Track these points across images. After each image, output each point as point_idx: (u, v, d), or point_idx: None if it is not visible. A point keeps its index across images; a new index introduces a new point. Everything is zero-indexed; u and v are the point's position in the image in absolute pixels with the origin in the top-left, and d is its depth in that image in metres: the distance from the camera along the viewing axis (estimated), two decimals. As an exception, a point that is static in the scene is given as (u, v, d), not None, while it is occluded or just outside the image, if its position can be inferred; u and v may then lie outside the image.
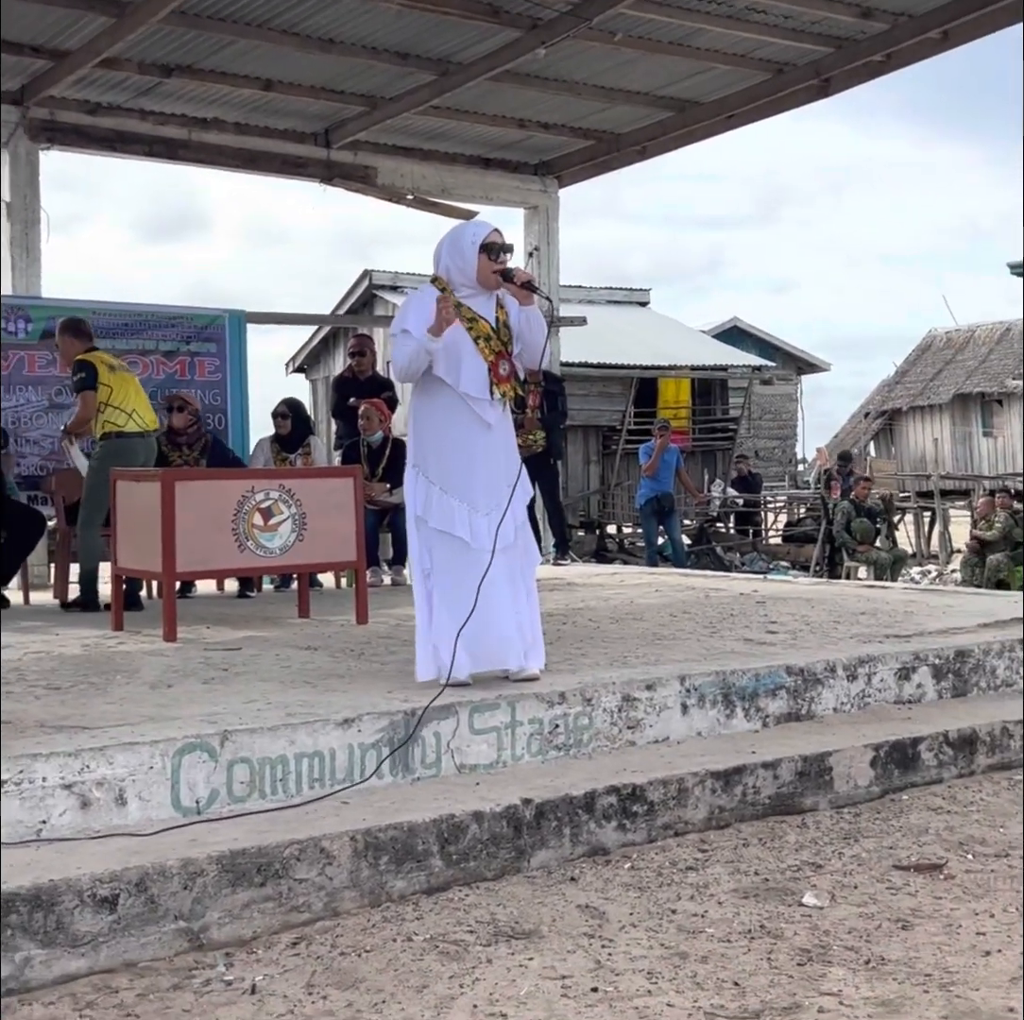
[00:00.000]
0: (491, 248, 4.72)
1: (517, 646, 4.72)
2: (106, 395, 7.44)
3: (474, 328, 4.74)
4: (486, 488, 4.73)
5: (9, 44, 9.13)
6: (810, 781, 4.48)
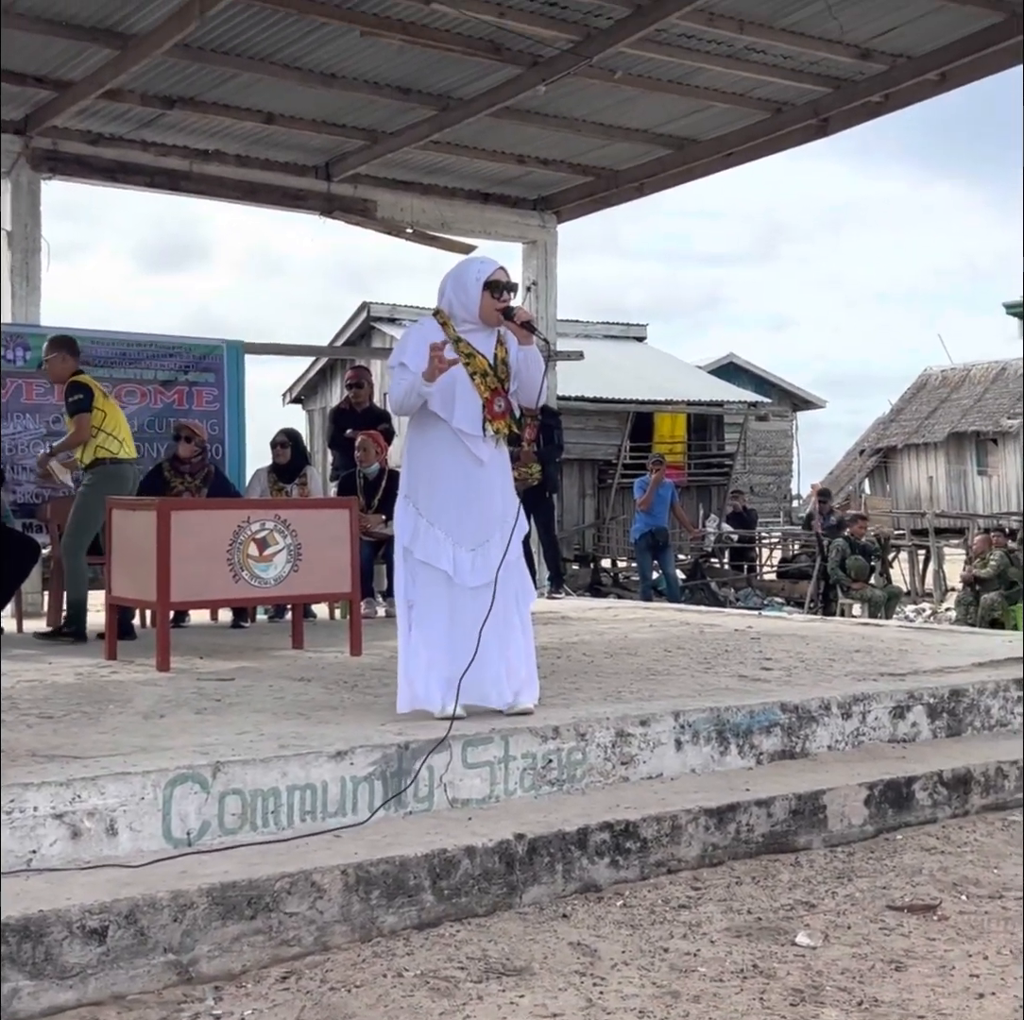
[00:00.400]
0: (495, 286, 4.74)
1: (504, 683, 4.72)
2: (100, 420, 7.39)
3: (471, 364, 4.75)
4: (475, 524, 4.73)
5: (13, 74, 9.19)
6: (804, 819, 4.47)
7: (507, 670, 4.74)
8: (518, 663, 4.78)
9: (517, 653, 4.80)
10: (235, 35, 8.75)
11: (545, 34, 8.78)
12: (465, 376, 4.73)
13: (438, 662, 4.66)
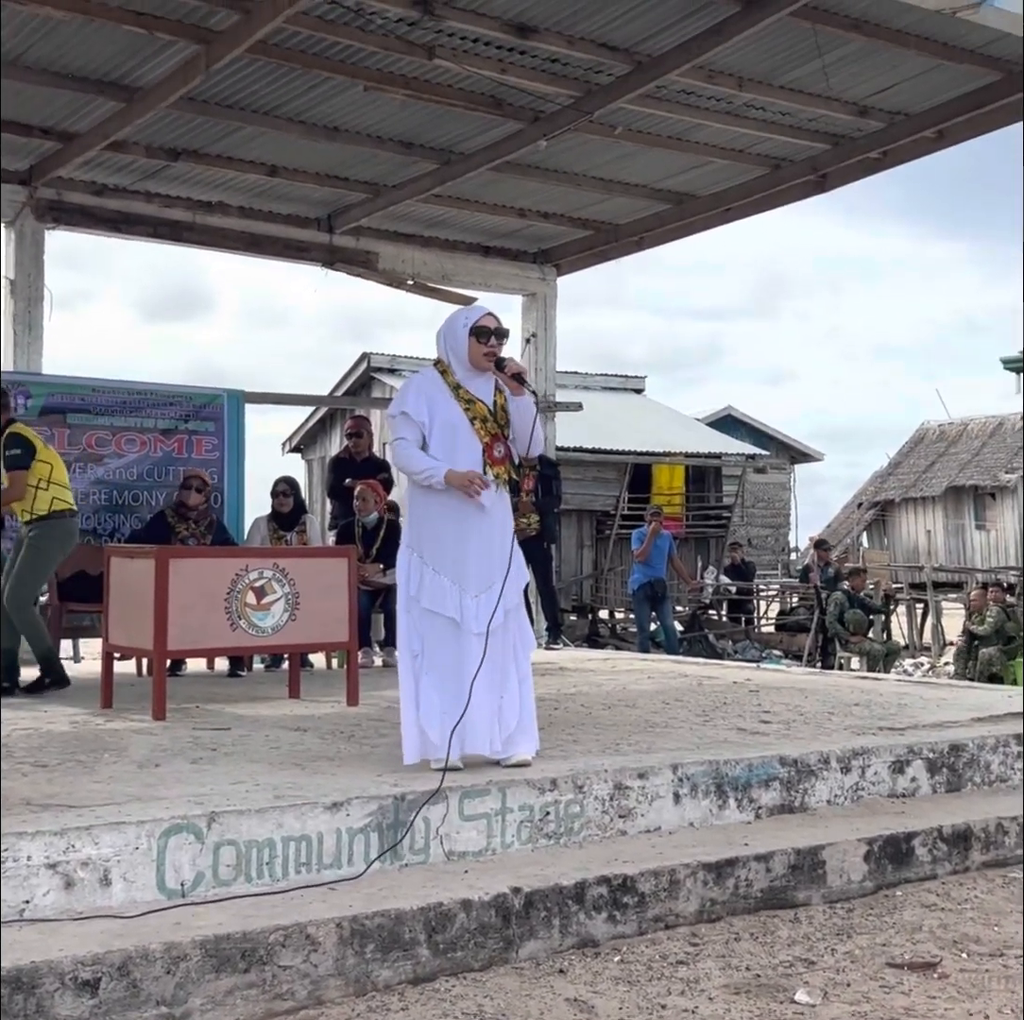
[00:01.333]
0: (481, 332, 4.80)
1: (495, 731, 4.70)
2: (47, 472, 7.23)
3: (471, 409, 4.80)
4: (478, 570, 4.75)
5: (18, 125, 9.28)
6: (803, 875, 4.43)
7: (499, 719, 4.73)
8: (511, 713, 4.77)
9: (511, 702, 4.79)
10: (240, 89, 8.85)
11: (546, 90, 8.88)
12: (466, 421, 4.78)
13: (451, 709, 4.65)
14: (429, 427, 4.79)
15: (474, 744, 4.67)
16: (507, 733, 4.75)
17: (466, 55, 8.33)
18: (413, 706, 4.73)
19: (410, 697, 4.75)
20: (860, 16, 7.96)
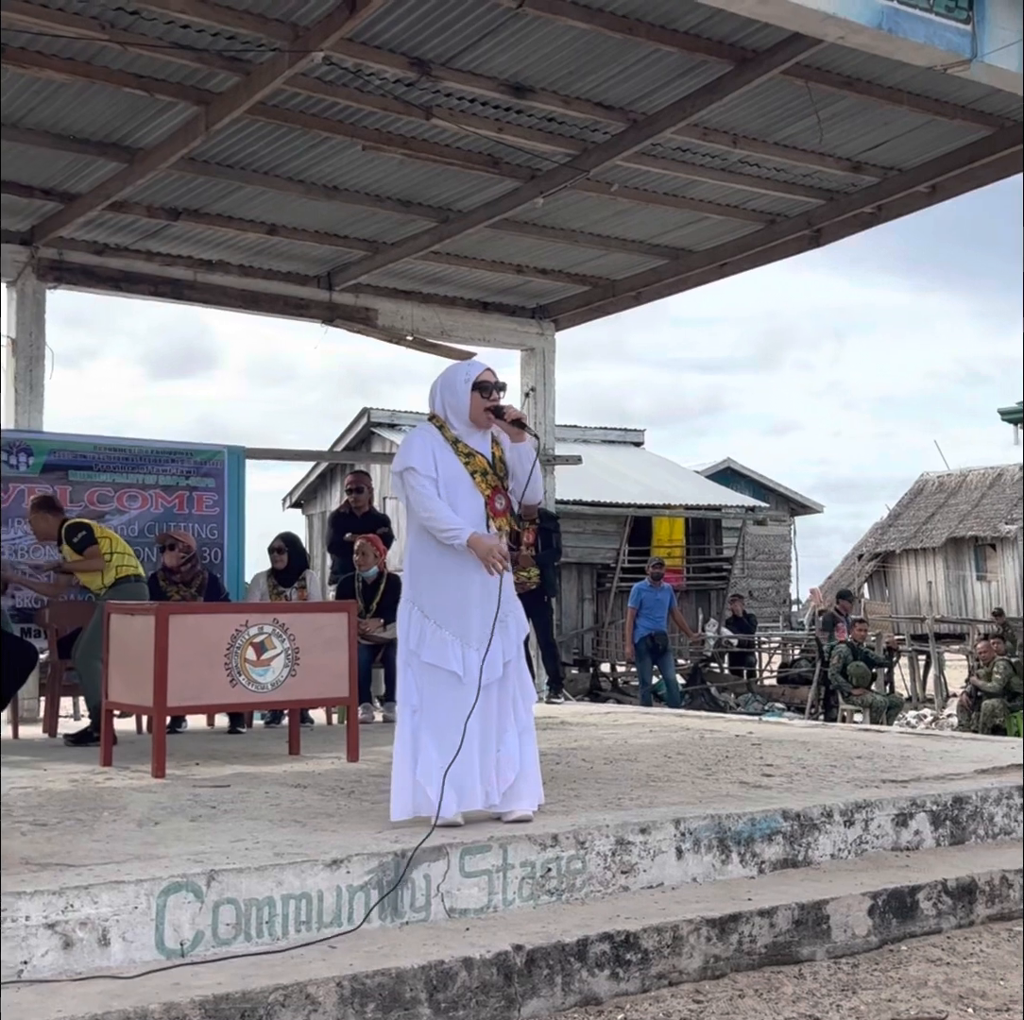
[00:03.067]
0: (483, 387, 4.82)
1: (492, 784, 4.69)
2: (108, 546, 7.89)
3: (471, 463, 4.81)
4: (480, 623, 4.74)
5: (20, 186, 9.39)
6: (807, 930, 4.40)
7: (497, 772, 4.71)
8: (508, 766, 4.74)
9: (509, 756, 4.76)
10: (240, 149, 8.95)
11: (543, 148, 8.99)
12: (467, 475, 4.79)
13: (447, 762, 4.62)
14: (435, 481, 4.79)
15: (469, 799, 4.64)
16: (505, 786, 4.72)
17: (463, 115, 8.44)
18: (410, 761, 4.69)
19: (407, 752, 4.72)
20: (853, 74, 8.07)
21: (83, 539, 7.85)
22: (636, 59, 7.79)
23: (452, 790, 4.58)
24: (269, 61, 7.44)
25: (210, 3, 6.93)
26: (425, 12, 7.13)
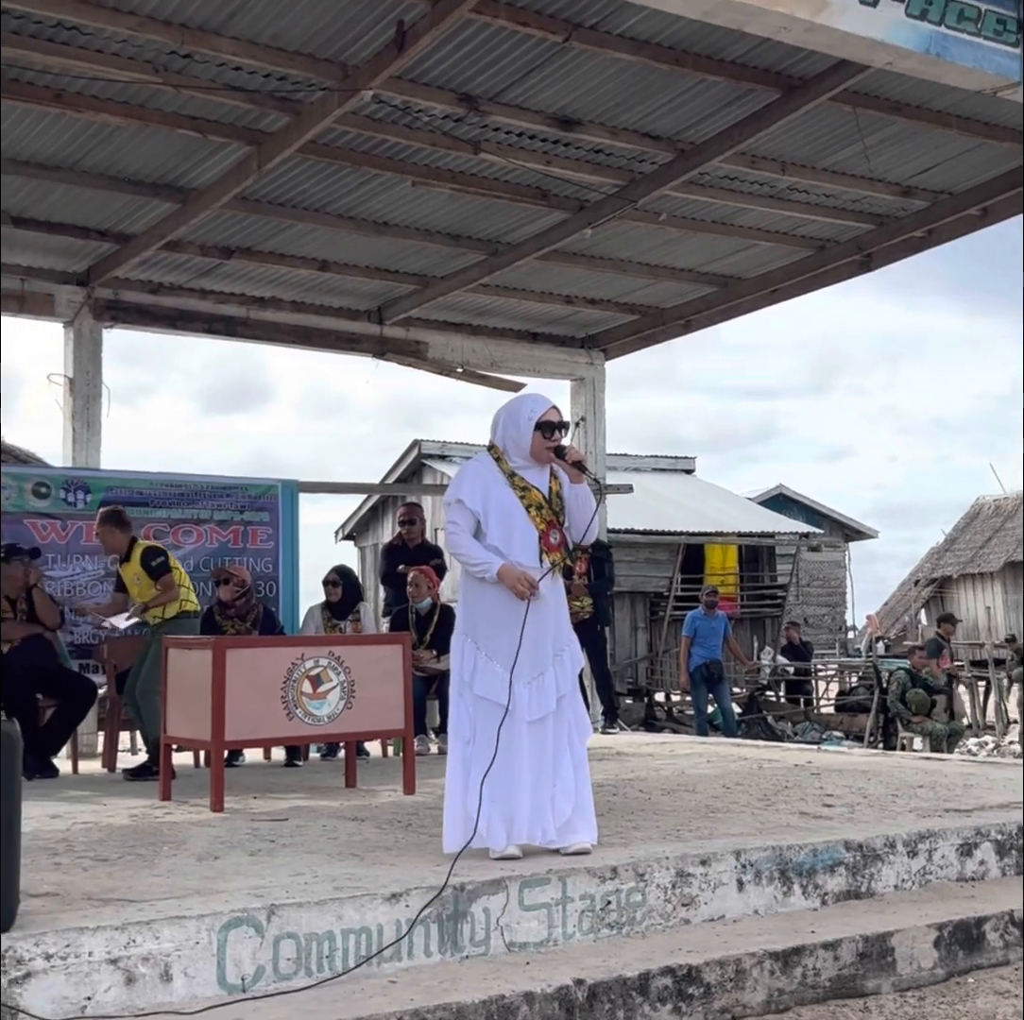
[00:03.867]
0: (546, 426, 4.84)
1: (548, 820, 4.66)
2: (178, 577, 7.92)
3: (526, 497, 4.82)
4: (532, 657, 4.74)
5: (76, 228, 9.55)
6: (872, 963, 4.34)
7: (553, 807, 4.69)
8: (565, 800, 4.72)
9: (565, 790, 4.75)
10: (291, 187, 9.05)
11: (591, 179, 9.03)
12: (521, 509, 4.80)
13: (500, 798, 4.62)
14: (485, 515, 4.81)
15: (525, 833, 4.63)
16: (562, 820, 4.70)
17: (511, 148, 8.50)
18: (461, 793, 4.70)
19: (458, 784, 4.73)
20: (901, 98, 8.05)
21: (161, 566, 7.84)
22: (683, 89, 7.81)
23: (502, 822, 4.58)
24: (319, 100, 7.54)
25: (261, 45, 7.04)
26: (473, 48, 7.20)
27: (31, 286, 10.20)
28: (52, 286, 10.31)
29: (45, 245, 9.82)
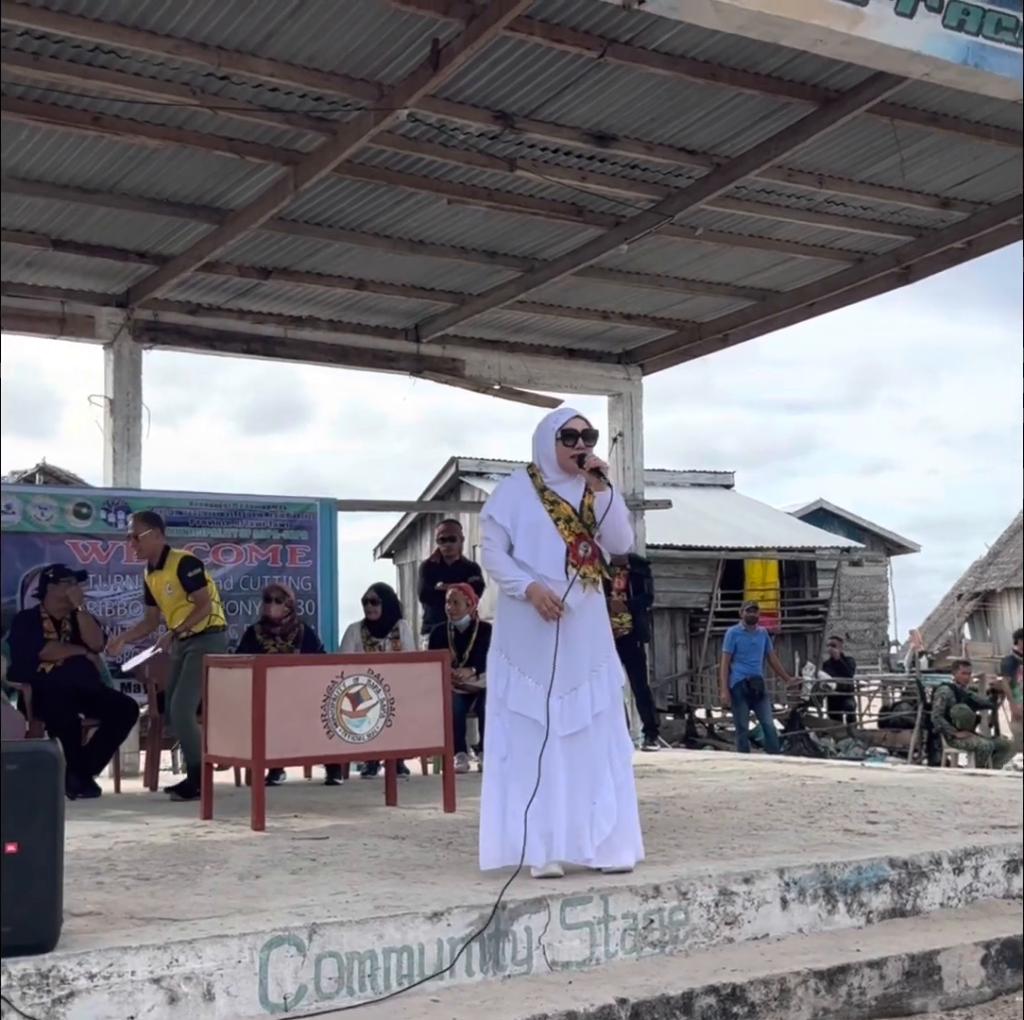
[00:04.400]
0: (567, 435, 4.83)
1: (585, 838, 4.63)
2: (212, 590, 7.83)
3: (555, 510, 4.83)
4: (564, 671, 4.72)
5: (115, 250, 9.65)
6: (918, 981, 4.28)
7: (592, 825, 4.65)
8: (605, 819, 4.67)
9: (605, 808, 4.70)
10: (327, 207, 9.10)
11: (626, 195, 9.02)
12: (549, 522, 4.80)
13: (537, 815, 4.60)
14: (513, 529, 4.83)
15: (563, 851, 4.61)
16: (601, 839, 4.65)
17: (547, 165, 8.51)
18: (498, 811, 4.68)
19: (494, 801, 4.70)
20: (938, 109, 8.01)
21: (198, 577, 7.74)
22: (719, 103, 7.80)
23: (540, 839, 4.56)
24: (355, 120, 7.57)
25: (297, 66, 7.08)
26: (507, 66, 7.22)
27: (71, 308, 10.30)
28: (92, 308, 10.40)
29: (85, 267, 9.91)
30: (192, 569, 7.75)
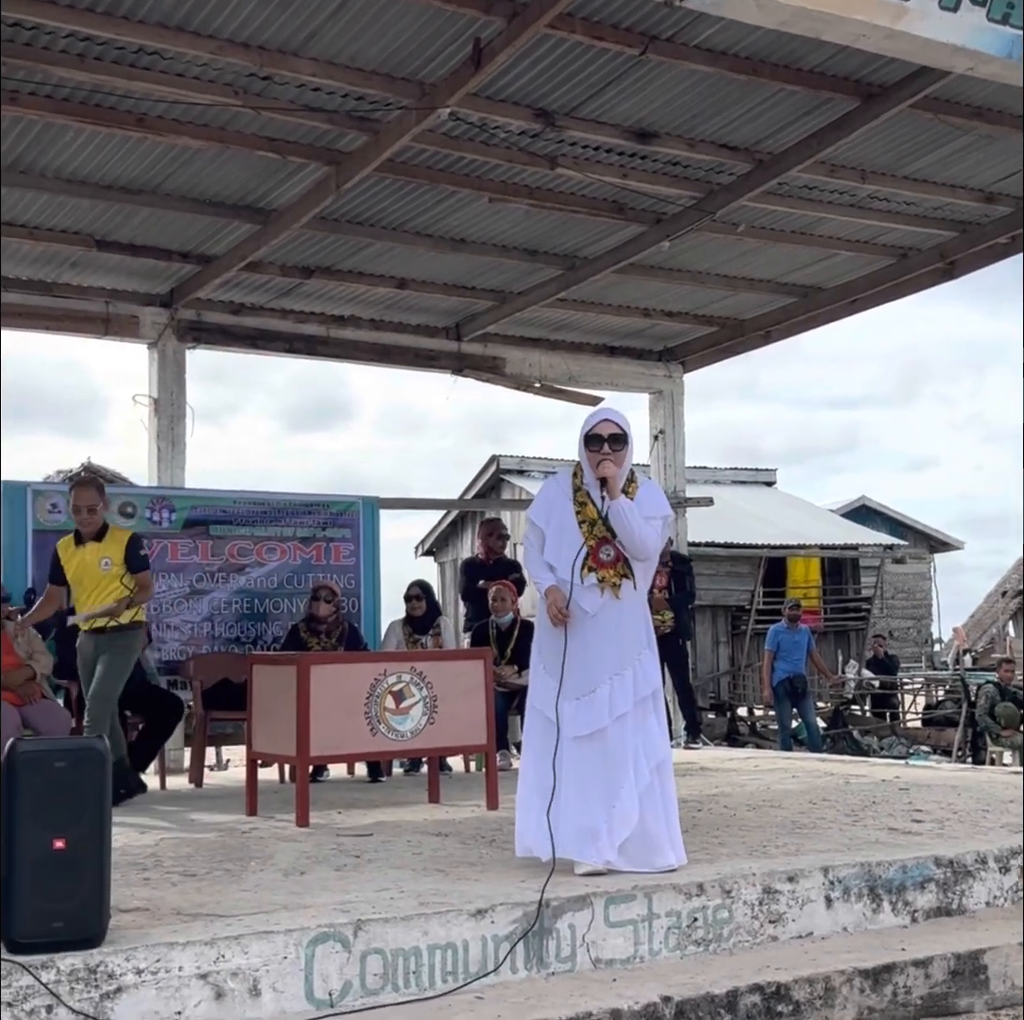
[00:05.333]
0: (591, 440, 4.85)
1: (602, 841, 4.61)
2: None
3: (582, 512, 4.87)
4: (580, 674, 4.75)
5: (159, 250, 9.71)
6: (964, 980, 4.26)
7: (608, 828, 4.63)
8: (621, 824, 4.63)
9: (623, 812, 4.66)
10: (369, 206, 9.13)
11: (668, 192, 9.00)
12: (574, 523, 4.85)
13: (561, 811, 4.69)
14: (546, 529, 4.91)
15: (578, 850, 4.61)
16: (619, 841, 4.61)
17: (588, 163, 8.50)
18: (523, 804, 4.84)
19: (520, 795, 4.88)
20: (982, 104, 7.94)
21: (145, 559, 7.10)
22: (761, 99, 7.76)
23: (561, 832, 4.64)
24: (396, 119, 7.59)
25: (339, 65, 7.11)
26: (549, 64, 7.22)
27: (116, 308, 10.38)
28: (136, 308, 10.48)
29: (129, 268, 9.99)
30: (143, 548, 7.17)
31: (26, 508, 9.19)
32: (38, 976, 3.37)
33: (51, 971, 3.40)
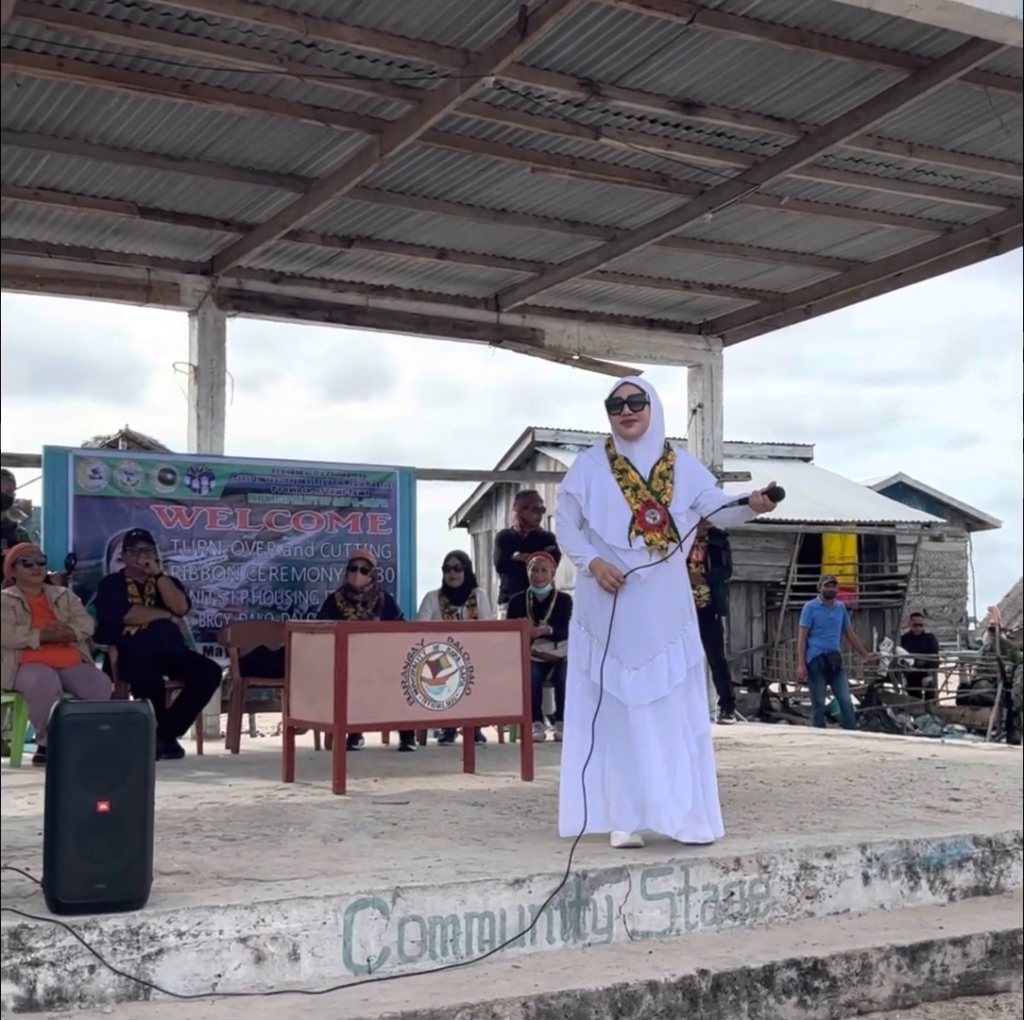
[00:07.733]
0: (613, 404, 4.91)
1: (672, 810, 4.62)
2: None
3: (623, 479, 4.87)
4: (638, 642, 4.75)
5: (201, 218, 9.71)
6: (1002, 960, 4.25)
7: (673, 797, 4.65)
8: (683, 792, 4.67)
9: (683, 781, 4.69)
10: (411, 175, 9.10)
11: (712, 163, 8.92)
12: (617, 490, 4.85)
13: (621, 785, 4.66)
14: (587, 500, 4.89)
15: (657, 821, 4.61)
16: (685, 811, 4.67)
17: (632, 133, 8.43)
18: (578, 780, 4.71)
19: (574, 771, 4.75)
20: (1033, 76, 7.81)
21: None
22: (808, 70, 7.67)
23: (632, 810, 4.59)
24: (441, 88, 7.55)
25: (384, 33, 7.07)
26: (595, 33, 7.15)
27: (157, 275, 10.40)
28: (177, 275, 10.49)
29: (171, 235, 10.00)
30: None
31: (67, 474, 9.25)
32: (81, 937, 3.41)
33: (94, 932, 3.44)
